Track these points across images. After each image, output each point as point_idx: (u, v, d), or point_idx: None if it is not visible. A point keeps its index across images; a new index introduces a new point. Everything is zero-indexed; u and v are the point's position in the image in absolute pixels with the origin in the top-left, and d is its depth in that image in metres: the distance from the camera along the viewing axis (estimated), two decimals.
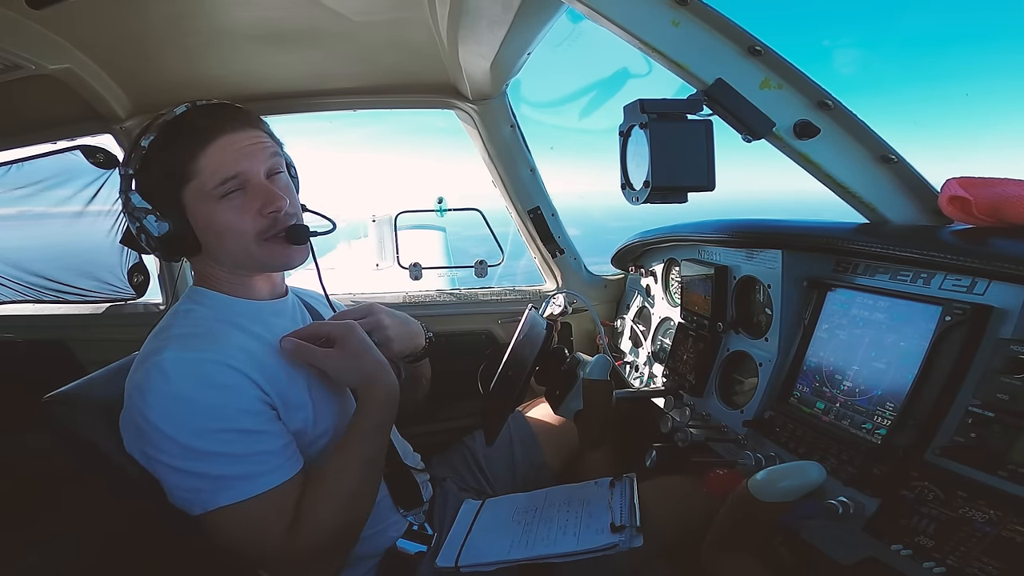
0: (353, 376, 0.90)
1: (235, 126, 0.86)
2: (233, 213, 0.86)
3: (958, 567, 0.62)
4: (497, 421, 1.12)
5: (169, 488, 0.81)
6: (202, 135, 0.84)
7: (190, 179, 0.84)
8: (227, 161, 0.84)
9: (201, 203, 0.85)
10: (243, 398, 0.82)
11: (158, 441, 0.78)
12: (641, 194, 0.78)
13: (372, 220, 4.11)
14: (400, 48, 1.42)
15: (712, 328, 1.18)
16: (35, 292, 2.10)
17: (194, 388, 0.79)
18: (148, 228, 0.86)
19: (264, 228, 0.88)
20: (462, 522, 1.11)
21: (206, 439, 0.78)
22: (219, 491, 0.79)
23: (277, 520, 0.81)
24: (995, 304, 0.70)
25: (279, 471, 0.82)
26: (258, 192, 0.87)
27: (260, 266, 0.93)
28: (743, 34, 0.77)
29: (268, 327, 0.93)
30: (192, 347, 0.82)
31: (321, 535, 0.82)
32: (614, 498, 1.07)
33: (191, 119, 0.85)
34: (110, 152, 1.92)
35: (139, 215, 0.86)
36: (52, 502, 1.76)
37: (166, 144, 0.84)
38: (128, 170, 0.87)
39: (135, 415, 0.80)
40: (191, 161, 0.83)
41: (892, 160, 0.84)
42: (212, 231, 0.87)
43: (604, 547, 0.95)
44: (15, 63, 1.41)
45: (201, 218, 0.86)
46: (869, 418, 0.80)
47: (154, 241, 0.87)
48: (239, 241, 0.87)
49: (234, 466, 0.79)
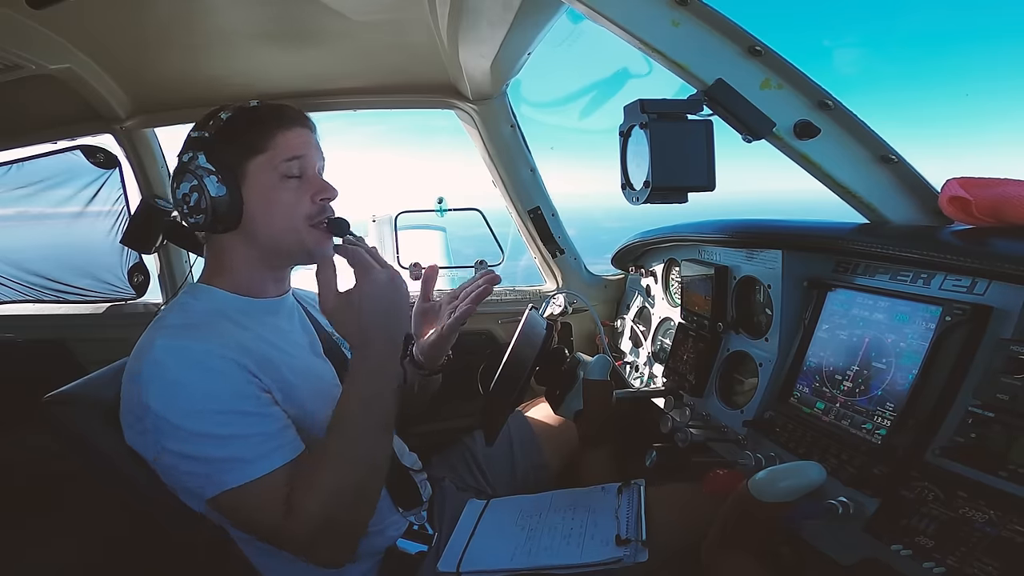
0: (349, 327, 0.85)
1: (308, 124, 0.97)
2: (291, 193, 0.92)
3: (958, 567, 0.62)
4: (497, 421, 1.12)
5: (176, 476, 0.81)
6: (283, 119, 0.93)
7: (261, 152, 0.91)
8: (299, 146, 0.93)
9: (264, 175, 0.91)
10: (237, 383, 0.82)
11: (160, 427, 0.79)
12: (641, 194, 0.78)
13: (372, 220, 4.10)
14: (400, 48, 1.42)
15: (712, 328, 1.18)
16: (35, 292, 2.10)
17: (188, 373, 0.80)
18: (207, 187, 0.89)
19: (314, 213, 0.94)
20: (465, 524, 1.10)
21: (206, 421, 0.79)
22: (226, 472, 0.79)
23: (290, 497, 0.81)
24: (995, 304, 0.70)
25: (284, 449, 0.83)
26: (314, 181, 0.95)
27: (298, 249, 0.95)
28: (743, 34, 0.77)
29: (262, 323, 0.94)
30: (184, 336, 0.83)
31: (319, 513, 0.80)
32: (621, 507, 1.06)
33: (271, 107, 0.94)
34: (110, 152, 1.92)
35: (202, 174, 0.89)
36: (52, 502, 1.76)
37: (246, 120, 0.92)
38: (204, 134, 0.91)
39: (134, 404, 0.81)
40: (267, 137, 0.91)
41: (892, 160, 0.84)
42: (265, 204, 0.91)
43: (607, 561, 0.94)
44: (15, 63, 1.41)
45: (258, 191, 0.91)
46: (869, 418, 0.80)
47: (208, 203, 0.89)
48: (290, 220, 0.92)
49: (237, 447, 0.80)
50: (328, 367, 1.04)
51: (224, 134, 0.91)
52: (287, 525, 0.80)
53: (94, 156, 1.93)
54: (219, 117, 0.92)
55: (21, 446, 1.76)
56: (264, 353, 0.88)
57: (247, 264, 0.95)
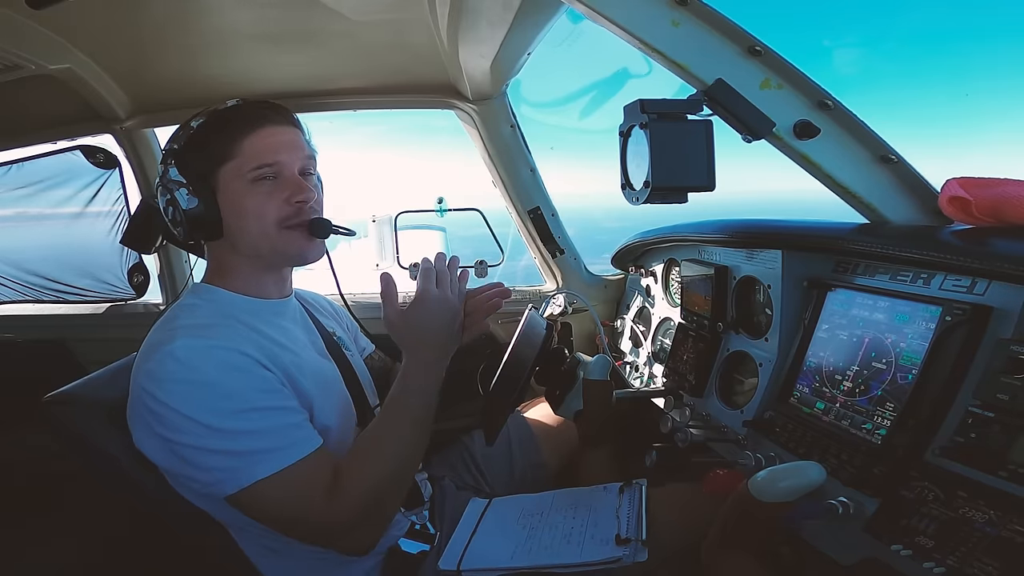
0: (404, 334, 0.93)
1: (279, 120, 0.92)
2: (261, 197, 0.90)
3: (958, 567, 0.62)
4: (497, 421, 1.12)
5: (196, 472, 0.80)
6: (248, 122, 0.90)
7: (228, 159, 0.89)
8: (268, 149, 0.90)
9: (233, 183, 0.89)
10: (258, 379, 0.83)
11: (181, 425, 0.78)
12: (641, 194, 0.78)
13: (372, 220, 4.10)
14: (400, 48, 1.42)
15: (712, 328, 1.18)
16: (35, 292, 2.10)
17: (212, 372, 0.80)
18: (179, 201, 0.88)
19: (287, 216, 0.91)
20: (467, 522, 1.10)
21: (231, 419, 0.79)
22: (253, 465, 0.79)
23: (315, 487, 0.82)
24: (995, 304, 0.70)
25: (308, 441, 0.84)
26: (288, 182, 0.91)
27: (276, 253, 0.94)
28: (743, 34, 0.77)
29: (271, 325, 0.94)
30: (202, 335, 0.83)
31: (363, 497, 0.84)
32: (622, 506, 1.06)
33: (241, 109, 0.92)
34: (110, 152, 1.92)
35: (172, 187, 0.89)
36: (52, 502, 1.76)
37: (213, 127, 0.90)
38: (173, 145, 0.91)
39: (150, 404, 0.79)
40: (233, 143, 0.88)
41: (892, 160, 0.84)
42: (237, 212, 0.90)
43: (607, 560, 0.94)
44: (15, 63, 1.41)
45: (230, 199, 0.89)
46: (869, 418, 0.80)
47: (181, 216, 0.89)
48: (260, 224, 0.90)
49: (263, 440, 0.80)
50: (331, 365, 1.05)
51: (193, 143, 0.90)
52: (329, 510, 0.82)
53: (94, 156, 1.93)
54: (190, 126, 0.91)
55: (21, 446, 1.77)
56: (274, 353, 0.88)
57: (243, 269, 0.95)
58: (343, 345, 1.12)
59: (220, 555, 0.92)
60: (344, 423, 0.97)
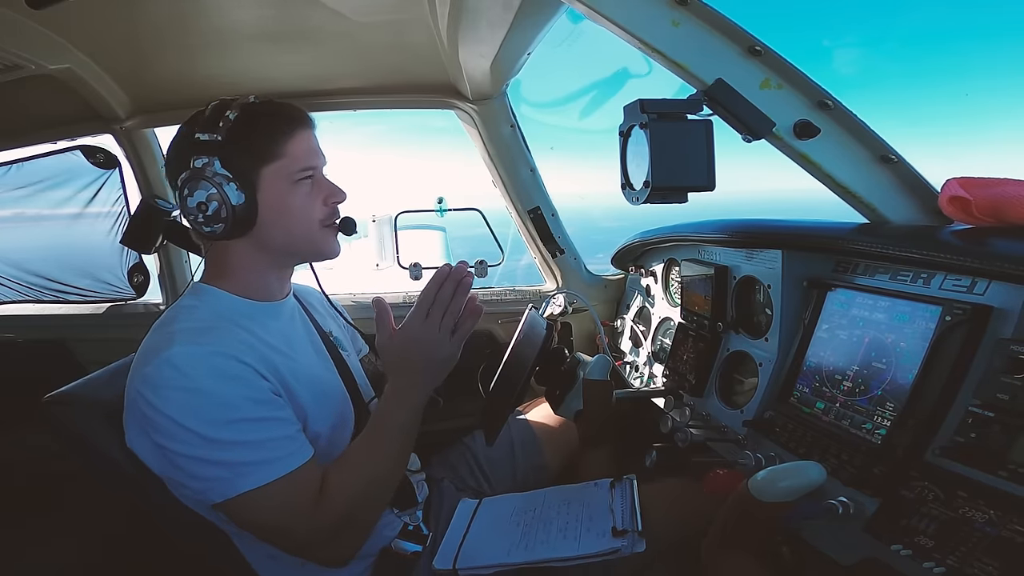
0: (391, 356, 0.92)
1: (309, 123, 0.96)
2: (305, 198, 0.93)
3: (958, 567, 0.62)
4: (497, 421, 1.12)
5: (186, 478, 0.81)
6: (291, 123, 0.92)
7: (274, 159, 0.90)
8: (309, 152, 0.94)
9: (278, 183, 0.90)
10: (254, 388, 0.83)
11: (174, 433, 0.78)
12: (641, 194, 0.78)
13: (372, 220, 4.10)
14: (400, 48, 1.42)
15: (712, 328, 1.18)
16: (35, 292, 2.10)
17: (208, 381, 0.79)
18: (227, 195, 0.87)
19: (326, 216, 0.96)
20: (459, 522, 1.10)
21: (224, 429, 0.79)
22: (240, 477, 0.79)
23: (301, 499, 0.82)
24: (995, 304, 0.70)
25: (298, 453, 0.84)
26: (324, 184, 0.96)
27: (314, 251, 0.98)
28: (743, 34, 0.77)
29: (264, 327, 0.93)
30: (200, 341, 0.83)
31: (348, 508, 0.85)
32: (615, 500, 1.06)
33: (277, 107, 0.93)
34: (110, 152, 1.92)
35: (220, 181, 0.87)
36: (52, 502, 1.76)
37: (257, 123, 0.90)
38: (214, 136, 0.87)
39: (145, 410, 0.80)
40: (276, 144, 0.90)
41: (892, 160, 0.84)
42: (280, 210, 0.91)
43: (606, 552, 0.94)
44: (15, 63, 1.41)
45: (273, 197, 0.90)
46: (869, 418, 0.80)
47: (229, 211, 0.87)
48: (306, 224, 0.94)
49: (255, 452, 0.80)
50: (329, 365, 1.05)
51: (235, 138, 0.87)
52: (312, 521, 0.82)
53: (94, 156, 1.93)
54: (227, 117, 0.88)
55: (21, 446, 1.77)
56: (268, 358, 0.88)
57: (253, 268, 0.95)
58: (340, 346, 1.12)
59: (219, 556, 0.92)
60: (337, 429, 0.97)
